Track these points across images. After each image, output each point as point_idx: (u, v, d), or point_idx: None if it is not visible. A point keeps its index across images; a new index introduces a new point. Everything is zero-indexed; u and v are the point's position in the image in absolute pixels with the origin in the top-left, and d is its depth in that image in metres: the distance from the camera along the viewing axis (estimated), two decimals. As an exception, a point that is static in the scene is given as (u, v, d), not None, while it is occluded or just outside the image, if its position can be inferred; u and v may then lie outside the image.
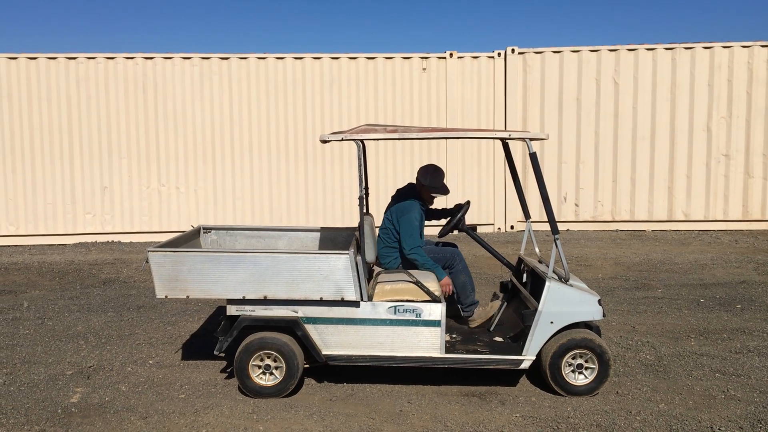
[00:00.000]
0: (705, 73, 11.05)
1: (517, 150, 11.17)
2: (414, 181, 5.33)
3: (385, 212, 5.22)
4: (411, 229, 4.93)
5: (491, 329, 5.03)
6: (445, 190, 5.10)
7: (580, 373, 4.46)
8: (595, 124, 11.26)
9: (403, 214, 4.99)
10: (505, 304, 5.21)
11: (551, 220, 4.47)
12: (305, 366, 4.57)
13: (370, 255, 4.68)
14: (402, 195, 5.19)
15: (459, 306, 5.22)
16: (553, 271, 4.57)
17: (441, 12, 34.86)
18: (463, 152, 11.40)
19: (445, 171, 11.21)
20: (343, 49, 11.50)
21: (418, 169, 5.22)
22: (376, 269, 5.18)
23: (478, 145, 11.42)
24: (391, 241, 5.10)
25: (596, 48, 11.19)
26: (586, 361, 4.44)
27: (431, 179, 5.09)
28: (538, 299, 4.45)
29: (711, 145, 11.10)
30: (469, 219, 10.97)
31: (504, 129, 11.33)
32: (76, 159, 10.96)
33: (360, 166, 4.47)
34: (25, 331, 6.12)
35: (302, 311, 4.47)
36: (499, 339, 4.82)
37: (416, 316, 4.43)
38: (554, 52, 11.26)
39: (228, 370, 5.04)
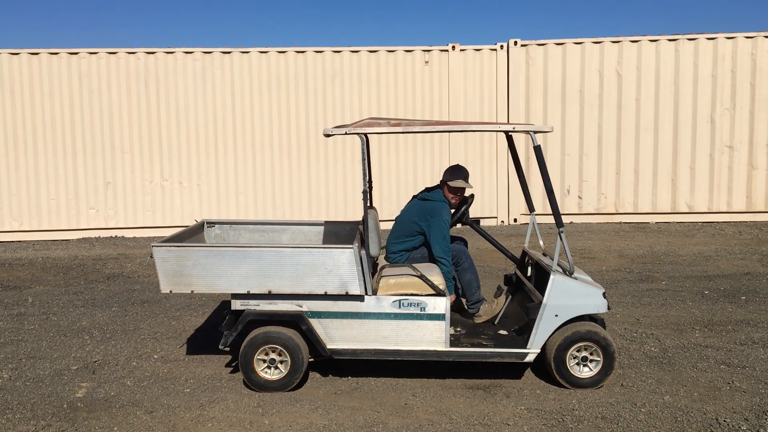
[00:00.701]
0: (708, 65, 11.00)
1: (520, 143, 11.15)
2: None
3: (408, 207, 5.17)
4: (444, 233, 4.92)
5: (496, 323, 5.03)
6: (464, 179, 5.05)
7: (584, 365, 4.46)
8: (599, 116, 11.23)
9: (434, 215, 4.96)
10: (510, 297, 5.21)
11: (555, 212, 4.46)
12: (310, 360, 4.58)
13: (374, 249, 4.68)
14: (431, 194, 5.14)
15: (463, 300, 5.22)
16: (558, 264, 4.56)
17: (443, 4, 34.76)
18: (466, 145, 11.38)
19: (447, 164, 11.22)
20: (345, 43, 11.50)
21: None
22: (381, 263, 5.18)
23: (481, 139, 11.39)
24: (406, 237, 5.07)
25: (599, 40, 11.14)
26: (591, 354, 4.44)
27: (450, 174, 5.08)
28: (542, 292, 4.45)
29: (714, 136, 11.06)
30: (473, 212, 10.96)
31: (507, 122, 11.31)
32: (78, 154, 10.97)
33: (363, 159, 4.47)
34: (30, 327, 6.14)
35: (307, 305, 4.47)
36: (503, 332, 4.82)
37: (421, 310, 4.43)
38: (557, 44, 11.22)
39: (233, 365, 5.05)
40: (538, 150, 4.44)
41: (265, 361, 4.47)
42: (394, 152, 11.33)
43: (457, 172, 5.09)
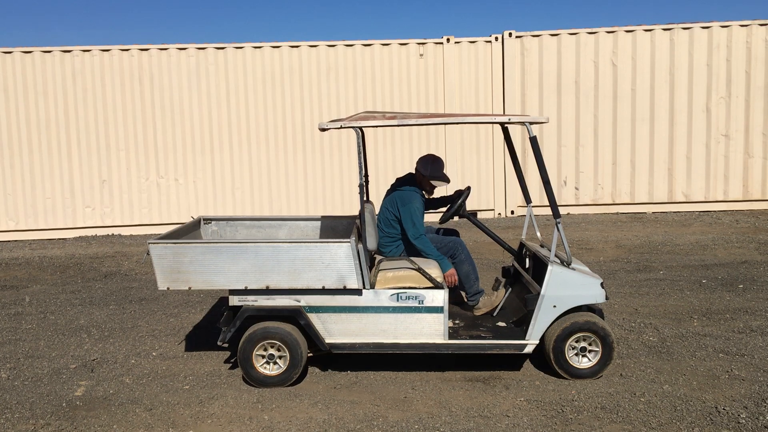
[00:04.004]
0: (703, 53, 10.99)
1: (516, 134, 11.13)
2: (413, 171, 5.29)
3: (384, 201, 5.19)
4: (414, 218, 4.92)
5: (495, 314, 5.03)
6: (445, 179, 5.10)
7: (583, 356, 4.46)
8: (594, 107, 11.22)
9: (405, 204, 4.96)
10: (509, 289, 5.20)
11: (552, 204, 4.46)
12: (309, 355, 4.58)
13: (372, 243, 4.67)
14: (402, 184, 5.16)
15: (463, 294, 5.22)
16: (555, 255, 4.56)
17: (437, -3, 34.67)
18: (462, 138, 11.37)
19: (444, 157, 11.22)
20: (339, 37, 11.44)
21: (417, 159, 5.19)
22: (378, 257, 5.17)
23: (477, 131, 11.38)
24: (391, 229, 5.08)
25: (594, 30, 11.12)
26: (590, 344, 4.44)
27: (432, 169, 5.07)
28: (540, 283, 4.45)
29: (710, 125, 11.06)
30: (470, 205, 10.95)
31: (503, 113, 11.28)
32: (74, 152, 10.93)
33: (359, 153, 4.45)
34: (28, 326, 6.12)
35: (305, 300, 4.46)
36: (502, 324, 4.82)
37: (419, 303, 4.42)
38: (552, 35, 11.20)
39: (232, 361, 5.04)
40: (534, 141, 4.43)
41: (263, 356, 4.47)
42: (390, 146, 11.31)
43: (436, 166, 5.07)
